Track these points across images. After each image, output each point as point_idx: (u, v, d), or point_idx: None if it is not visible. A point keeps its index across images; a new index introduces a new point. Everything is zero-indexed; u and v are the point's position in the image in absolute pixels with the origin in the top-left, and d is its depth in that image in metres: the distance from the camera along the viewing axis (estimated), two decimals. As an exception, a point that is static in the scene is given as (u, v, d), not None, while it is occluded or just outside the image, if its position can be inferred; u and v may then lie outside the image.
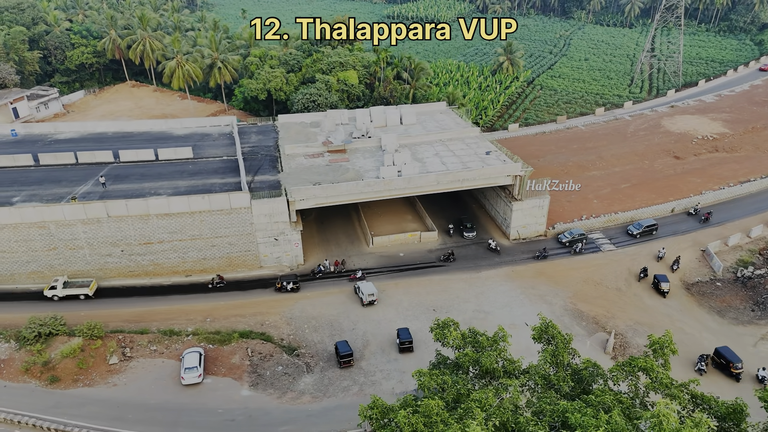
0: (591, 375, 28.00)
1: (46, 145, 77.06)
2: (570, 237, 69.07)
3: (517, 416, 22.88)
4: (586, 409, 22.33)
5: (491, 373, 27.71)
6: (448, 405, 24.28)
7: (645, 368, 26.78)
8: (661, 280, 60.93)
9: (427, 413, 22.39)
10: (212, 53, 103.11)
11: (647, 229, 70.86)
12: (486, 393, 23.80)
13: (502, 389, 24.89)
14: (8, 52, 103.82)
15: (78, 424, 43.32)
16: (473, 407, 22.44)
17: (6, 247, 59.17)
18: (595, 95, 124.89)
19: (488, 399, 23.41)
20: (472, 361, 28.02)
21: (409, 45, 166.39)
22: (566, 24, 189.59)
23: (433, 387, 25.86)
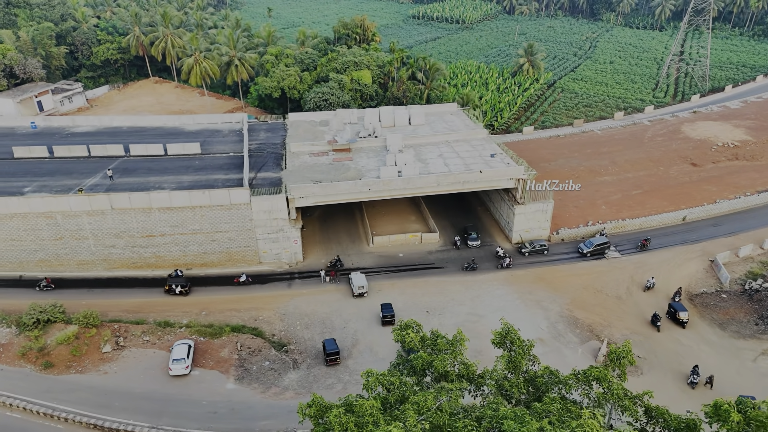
0: (546, 383, 27.58)
1: (62, 137, 79.42)
2: (590, 248, 66.70)
3: (455, 420, 22.71)
4: (527, 417, 22.02)
5: (445, 376, 27.54)
6: (392, 406, 24.26)
7: (599, 378, 26.25)
8: (679, 309, 56.34)
9: (360, 413, 22.46)
10: (230, 51, 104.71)
11: (598, 247, 66.83)
12: (425, 396, 23.71)
13: (444, 392, 24.74)
14: (36, 47, 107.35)
15: (66, 409, 44.66)
16: (408, 409, 22.38)
17: (15, 235, 61.26)
18: (617, 99, 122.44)
19: (427, 402, 23.33)
20: (426, 364, 27.92)
21: (431, 45, 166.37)
22: (594, 26, 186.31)
23: (377, 387, 25.90)
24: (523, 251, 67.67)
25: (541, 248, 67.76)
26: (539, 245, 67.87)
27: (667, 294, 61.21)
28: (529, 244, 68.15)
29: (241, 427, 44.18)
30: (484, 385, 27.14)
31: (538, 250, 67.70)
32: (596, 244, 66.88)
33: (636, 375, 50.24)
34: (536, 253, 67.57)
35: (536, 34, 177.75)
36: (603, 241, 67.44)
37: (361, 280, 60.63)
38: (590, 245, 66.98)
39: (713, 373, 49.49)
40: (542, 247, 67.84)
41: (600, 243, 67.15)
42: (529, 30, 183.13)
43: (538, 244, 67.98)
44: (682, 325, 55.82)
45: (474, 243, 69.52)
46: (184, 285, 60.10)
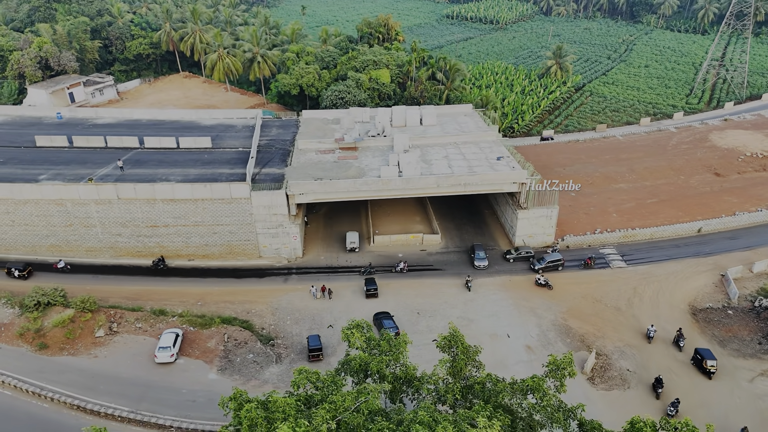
0: (483, 389, 27.11)
1: (85, 128, 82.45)
2: (542, 265, 63.36)
3: (372, 422, 22.62)
4: (445, 422, 21.76)
5: (384, 378, 27.44)
6: (316, 404, 24.35)
7: (533, 389, 25.65)
8: (707, 356, 49.64)
9: (273, 409, 22.67)
10: (253, 48, 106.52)
11: (551, 264, 63.85)
12: (344, 396, 23.70)
13: (363, 394, 24.63)
14: (71, 40, 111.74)
15: (53, 389, 46.52)
16: (322, 408, 22.45)
17: (28, 220, 64.07)
18: (648, 104, 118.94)
19: (345, 402, 23.33)
20: (363, 365, 27.87)
21: (462, 46, 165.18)
22: (633, 28, 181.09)
23: (305, 385, 26.05)
24: (508, 257, 66.39)
25: (527, 255, 66.16)
26: (525, 252, 66.36)
27: (670, 307, 59.20)
28: (515, 251, 66.77)
29: (216, 416, 44.89)
30: (420, 389, 26.90)
31: (524, 257, 66.09)
32: (548, 261, 64.05)
33: (622, 389, 48.86)
34: (521, 260, 65.90)
35: (571, 36, 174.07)
36: (556, 258, 64.33)
37: (353, 237, 68.14)
38: (543, 262, 64.00)
39: (702, 390, 47.64)
40: (528, 254, 66.24)
41: (553, 260, 64.20)
42: (564, 32, 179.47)
43: (524, 251, 66.46)
44: (708, 375, 49.00)
45: (481, 263, 64.54)
46: (22, 270, 61.08)
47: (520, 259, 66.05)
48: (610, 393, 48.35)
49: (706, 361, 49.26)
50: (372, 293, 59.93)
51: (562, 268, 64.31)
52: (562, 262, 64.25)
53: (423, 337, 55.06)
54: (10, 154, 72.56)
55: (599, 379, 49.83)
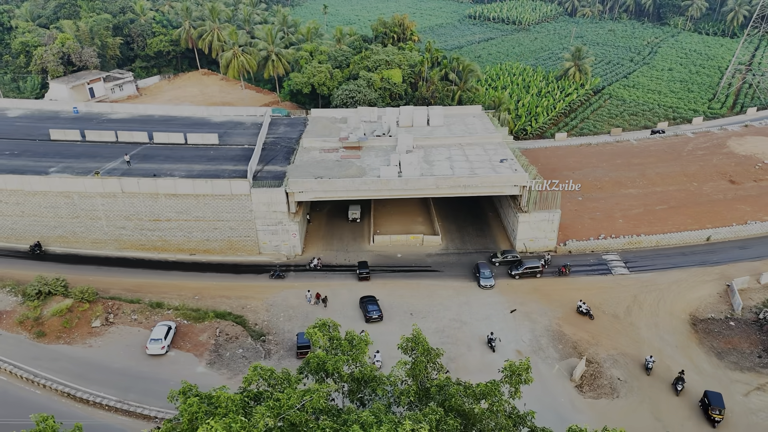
0: (440, 392, 26.92)
1: (99, 123, 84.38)
2: (519, 270, 63.14)
3: (317, 420, 22.75)
4: (389, 423, 21.72)
5: (341, 378, 27.52)
6: (266, 401, 24.59)
7: (485, 393, 25.37)
8: (714, 402, 44.84)
9: (215, 403, 22.96)
10: (268, 46, 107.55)
11: (528, 270, 63.17)
12: (289, 394, 23.84)
13: (309, 393, 24.70)
14: (93, 37, 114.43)
15: (46, 376, 47.87)
16: (268, 404, 22.64)
17: (37, 211, 65.95)
18: (668, 108, 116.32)
19: (290, 399, 23.46)
20: (320, 364, 27.99)
21: (482, 46, 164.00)
22: (659, 31, 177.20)
23: (257, 381, 26.30)
24: (494, 261, 65.89)
25: (513, 259, 65.50)
26: (511, 256, 65.73)
27: (670, 316, 57.90)
28: (501, 254, 66.18)
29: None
30: (376, 390, 26.89)
31: (510, 261, 65.42)
32: (526, 267, 63.34)
33: (611, 398, 48.01)
34: (507, 264, 65.23)
35: (594, 38, 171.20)
36: (534, 265, 63.51)
37: (355, 209, 74.23)
38: (520, 268, 63.38)
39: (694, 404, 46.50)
40: (514, 258, 65.60)
41: (531, 266, 63.41)
42: (588, 33, 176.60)
43: (510, 255, 65.82)
44: (713, 423, 44.70)
45: (487, 283, 61.28)
46: None
47: (506, 263, 65.51)
48: (598, 401, 47.55)
49: (712, 409, 44.51)
50: (364, 276, 62.97)
51: (540, 275, 63.48)
52: (541, 269, 63.43)
53: (413, 338, 55.03)
54: (25, 146, 74.67)
55: (588, 387, 49.05)
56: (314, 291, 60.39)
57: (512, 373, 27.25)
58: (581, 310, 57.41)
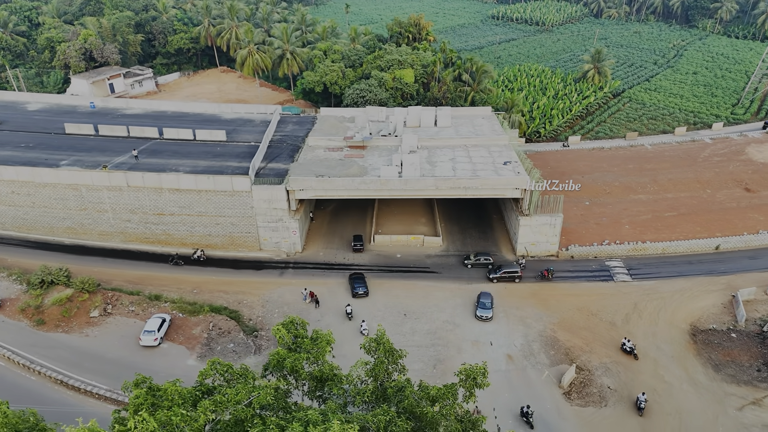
0: (396, 394, 26.84)
1: (114, 118, 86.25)
2: (497, 274, 62.83)
3: (263, 416, 22.96)
4: (335, 421, 21.81)
5: (299, 376, 27.69)
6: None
7: (436, 397, 25.21)
8: None
9: (162, 396, 23.36)
10: (283, 44, 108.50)
11: (506, 274, 62.73)
12: (237, 390, 24.11)
13: (257, 389, 24.90)
14: (115, 34, 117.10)
15: (42, 363, 49.28)
16: (216, 399, 22.97)
17: (47, 203, 67.87)
18: (689, 113, 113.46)
19: (238, 395, 23.74)
20: (280, 361, 28.21)
21: (503, 47, 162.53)
22: (686, 33, 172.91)
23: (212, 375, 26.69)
24: (466, 263, 65.67)
25: (486, 262, 65.11)
26: (483, 259, 65.29)
27: (670, 325, 56.61)
28: (474, 257, 65.74)
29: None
30: (332, 389, 26.99)
31: (482, 264, 64.99)
32: (504, 271, 62.89)
33: (598, 406, 47.23)
34: (480, 266, 64.78)
35: (619, 40, 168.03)
36: (512, 270, 63.06)
37: None
38: (498, 272, 62.96)
39: (684, 416, 45.40)
40: (487, 261, 65.23)
41: (508, 270, 62.96)
42: (612, 35, 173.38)
43: (482, 258, 65.39)
44: None
45: (484, 314, 57.02)
46: None
47: (478, 265, 65.18)
48: (585, 410, 46.81)
49: None
50: (358, 249, 68.07)
51: (519, 281, 62.97)
52: (519, 274, 62.96)
53: (405, 338, 55.11)
54: (40, 139, 76.83)
55: (576, 394, 48.33)
56: (310, 289, 60.79)
57: (467, 376, 27.06)
58: (625, 348, 52.31)
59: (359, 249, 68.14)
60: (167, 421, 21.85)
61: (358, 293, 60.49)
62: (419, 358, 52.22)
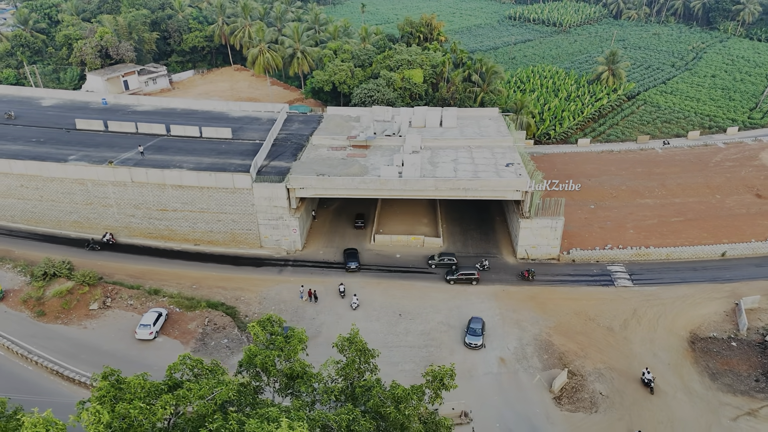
0: (364, 394, 26.86)
1: (125, 114, 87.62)
2: (454, 276, 62.70)
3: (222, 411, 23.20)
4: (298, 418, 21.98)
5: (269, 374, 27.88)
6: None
7: (401, 398, 25.16)
8: None
9: (126, 388, 23.73)
10: (294, 43, 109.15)
11: (464, 275, 62.40)
12: (200, 385, 24.38)
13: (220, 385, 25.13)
14: (131, 31, 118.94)
15: (39, 353, 50.31)
16: (179, 393, 23.28)
17: (54, 197, 69.24)
18: (704, 117, 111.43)
19: (201, 390, 24.01)
20: (251, 357, 28.45)
21: (518, 48, 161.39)
22: (707, 35, 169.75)
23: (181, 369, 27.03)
24: (429, 263, 65.77)
25: (449, 263, 65.09)
26: (447, 259, 65.35)
27: (668, 332, 55.72)
28: (438, 257, 65.73)
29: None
30: (300, 387, 27.13)
31: (446, 264, 64.96)
32: (461, 273, 62.69)
33: (589, 412, 46.71)
34: (443, 267, 64.65)
35: (637, 41, 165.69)
36: (469, 272, 62.78)
37: None
38: (455, 273, 62.81)
39: (676, 424, 44.68)
40: (450, 261, 65.24)
41: (465, 272, 62.69)
42: (631, 36, 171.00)
43: (446, 258, 65.43)
44: None
45: (474, 341, 53.25)
46: None
47: (442, 265, 65.20)
48: (574, 415, 46.33)
49: None
50: (359, 226, 72.93)
51: (476, 283, 62.58)
52: (476, 276, 62.57)
53: (398, 339, 55.22)
54: (51, 134, 78.41)
55: (567, 399, 47.85)
56: (307, 287, 61.09)
57: (434, 378, 26.97)
58: (644, 379, 48.98)
59: (360, 226, 73.26)
60: (126, 413, 22.28)
61: (350, 268, 64.45)
62: (411, 359, 52.22)
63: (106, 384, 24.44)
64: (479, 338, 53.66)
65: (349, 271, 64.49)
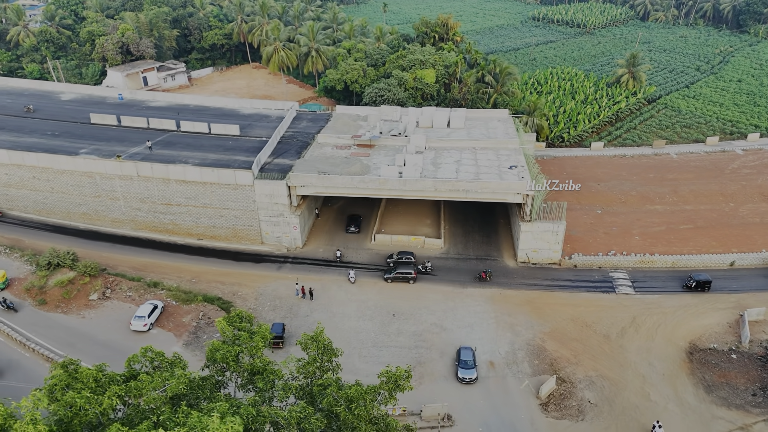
0: (321, 392, 26.88)
1: (139, 109, 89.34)
2: (391, 275, 62.85)
3: (172, 404, 23.54)
4: (245, 413, 22.19)
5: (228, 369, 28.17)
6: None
7: (353, 398, 25.10)
8: None
9: (79, 378, 24.21)
10: (308, 42, 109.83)
11: (400, 275, 62.56)
12: (153, 377, 24.74)
13: (173, 378, 25.43)
14: (152, 28, 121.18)
15: (37, 341, 51.70)
16: (129, 385, 23.71)
17: (64, 189, 71.04)
18: (726, 122, 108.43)
19: (153, 383, 24.37)
20: (213, 352, 28.75)
21: (540, 49, 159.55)
22: (736, 39, 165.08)
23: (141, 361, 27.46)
24: (388, 261, 66.00)
25: (407, 261, 65.00)
26: (405, 257, 65.44)
27: (666, 342, 54.42)
28: (397, 255, 65.92)
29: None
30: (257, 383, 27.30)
31: (405, 263, 64.83)
32: (397, 272, 62.78)
33: (575, 420, 45.94)
34: (402, 264, 64.33)
35: (662, 44, 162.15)
36: (406, 271, 62.78)
37: None
38: (392, 273, 63.06)
39: (663, 438, 43.66)
40: (408, 260, 65.17)
41: (402, 271, 62.73)
42: (657, 39, 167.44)
43: (405, 257, 65.59)
44: None
45: (468, 375, 49.15)
46: None
47: (400, 263, 64.98)
48: (560, 422, 45.62)
49: None
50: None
51: (413, 282, 62.59)
52: (413, 275, 62.55)
53: (389, 339, 55.17)
54: (66, 128, 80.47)
55: (554, 406, 47.15)
56: (303, 284, 61.43)
57: (389, 379, 26.85)
58: None
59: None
60: (72, 402, 22.80)
61: (350, 230, 71.82)
62: (400, 360, 51.98)
63: (60, 372, 25.03)
64: (473, 371, 49.30)
65: (349, 233, 71.60)
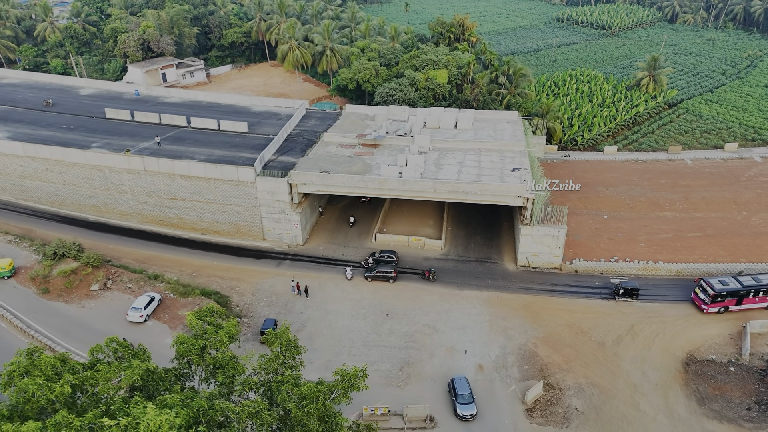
0: (278, 388, 27.09)
1: (154, 105, 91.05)
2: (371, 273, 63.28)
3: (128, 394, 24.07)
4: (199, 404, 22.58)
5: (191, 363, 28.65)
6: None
7: (305, 395, 25.26)
8: None
9: (37, 365, 24.92)
10: (323, 41, 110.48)
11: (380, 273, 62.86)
12: (109, 368, 25.28)
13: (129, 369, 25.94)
14: (172, 26, 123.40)
15: (37, 328, 53.26)
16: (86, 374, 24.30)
17: (75, 181, 72.96)
18: (749, 128, 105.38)
19: (108, 373, 24.94)
20: (177, 346, 29.25)
21: (562, 50, 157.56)
22: (766, 43, 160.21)
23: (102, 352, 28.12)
24: (368, 259, 66.07)
25: (389, 260, 65.33)
26: (387, 256, 65.88)
27: (663, 351, 53.30)
28: (378, 253, 66.27)
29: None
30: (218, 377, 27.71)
31: (386, 261, 65.19)
32: (377, 270, 63.11)
33: (560, 427, 45.39)
34: (383, 262, 64.69)
35: (689, 47, 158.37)
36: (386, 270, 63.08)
37: None
38: (372, 271, 63.37)
39: (648, 449, 42.78)
40: (390, 259, 65.44)
41: (382, 270, 63.05)
42: (683, 41, 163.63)
43: (387, 255, 65.96)
44: None
45: (468, 411, 45.41)
46: None
47: (381, 261, 65.15)
48: (544, 429, 45.12)
49: None
50: None
51: (393, 281, 62.74)
52: (393, 275, 62.59)
53: (380, 338, 55.28)
54: (81, 122, 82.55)
55: (539, 412, 46.64)
56: (298, 281, 61.89)
57: (343, 378, 26.93)
58: None
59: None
60: (25, 388, 23.52)
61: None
62: (389, 359, 52.18)
63: (21, 359, 25.82)
64: (472, 407, 45.70)
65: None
